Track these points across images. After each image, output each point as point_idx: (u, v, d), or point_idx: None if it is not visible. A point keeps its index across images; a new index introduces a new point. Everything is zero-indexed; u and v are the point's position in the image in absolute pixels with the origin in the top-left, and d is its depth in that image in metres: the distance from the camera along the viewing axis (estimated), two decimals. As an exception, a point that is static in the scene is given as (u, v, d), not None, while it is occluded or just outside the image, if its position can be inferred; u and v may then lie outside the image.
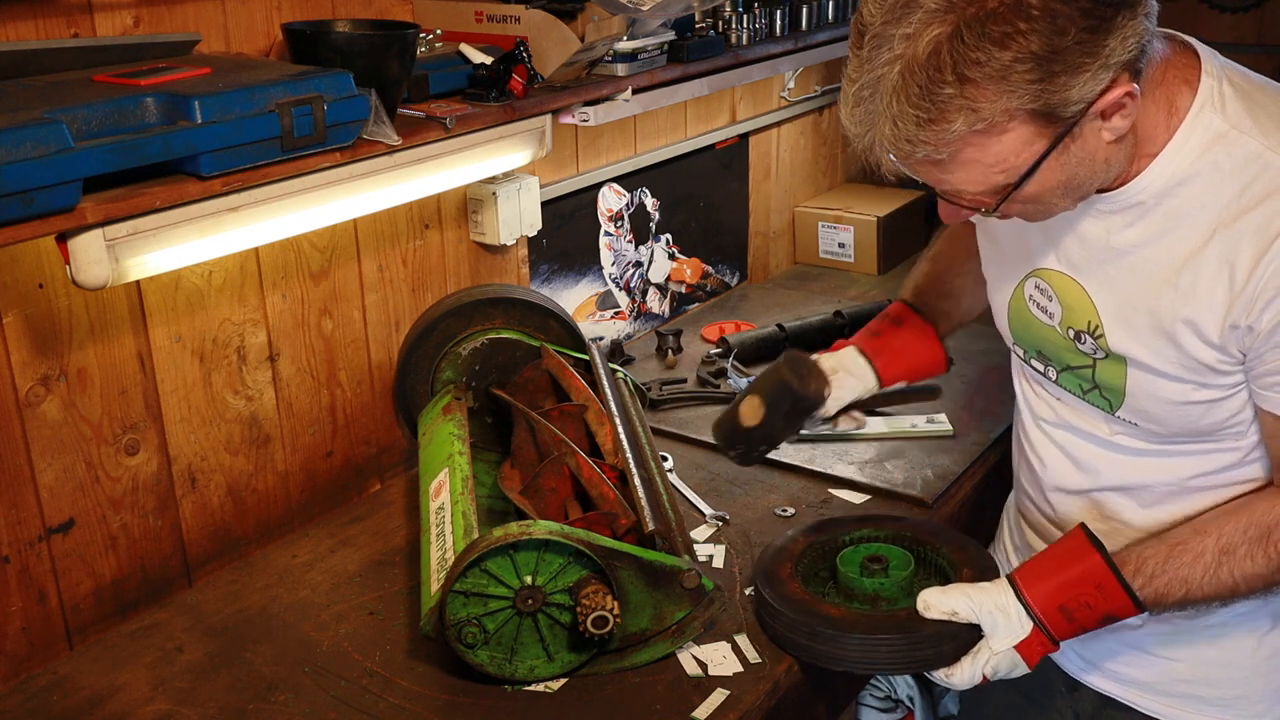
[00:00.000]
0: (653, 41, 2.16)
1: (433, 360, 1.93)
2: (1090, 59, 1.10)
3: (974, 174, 1.19)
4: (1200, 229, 1.25)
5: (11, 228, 1.30)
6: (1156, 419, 1.38)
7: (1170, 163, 1.26)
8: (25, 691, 1.54)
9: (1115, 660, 1.55)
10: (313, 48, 1.64)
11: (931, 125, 1.12)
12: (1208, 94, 1.25)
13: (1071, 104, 1.13)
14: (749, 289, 3.00)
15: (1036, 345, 1.48)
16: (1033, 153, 1.17)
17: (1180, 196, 1.26)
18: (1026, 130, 1.15)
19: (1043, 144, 1.17)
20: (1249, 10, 3.75)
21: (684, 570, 1.50)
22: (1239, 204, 1.23)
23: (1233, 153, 1.24)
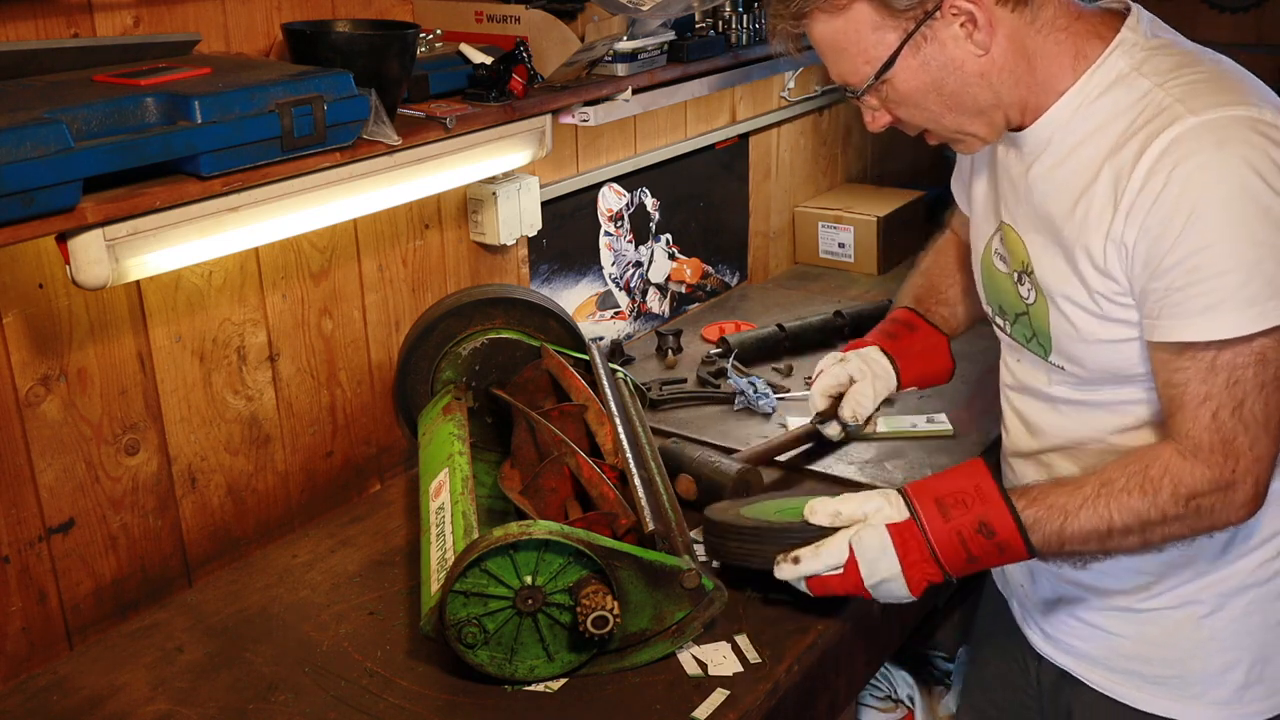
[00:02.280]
0: (653, 41, 2.16)
1: (433, 360, 1.93)
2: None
3: (847, 62, 1.36)
4: (1096, 160, 1.33)
5: (11, 228, 1.30)
6: (1077, 359, 1.42)
7: (1075, 98, 1.35)
8: (25, 691, 1.54)
9: (1070, 634, 1.58)
10: (313, 48, 1.64)
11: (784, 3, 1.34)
12: (1120, 43, 1.34)
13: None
14: (749, 289, 3.00)
15: (999, 299, 1.54)
16: (886, 45, 1.33)
17: (1080, 132, 1.35)
18: (868, 15, 1.31)
19: (894, 38, 1.32)
20: (1249, 10, 3.75)
21: (684, 570, 1.50)
22: (1126, 134, 1.30)
23: (1130, 91, 1.32)
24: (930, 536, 1.41)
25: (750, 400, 2.24)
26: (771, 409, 2.23)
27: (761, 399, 2.24)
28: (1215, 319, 1.26)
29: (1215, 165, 1.24)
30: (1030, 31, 1.34)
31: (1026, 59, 1.35)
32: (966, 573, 1.44)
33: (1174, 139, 1.25)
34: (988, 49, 1.33)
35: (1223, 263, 1.24)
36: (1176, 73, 1.31)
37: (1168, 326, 1.29)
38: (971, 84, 1.35)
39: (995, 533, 1.38)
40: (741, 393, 2.26)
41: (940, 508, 1.41)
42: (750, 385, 2.27)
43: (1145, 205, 1.27)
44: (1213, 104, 1.27)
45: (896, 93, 1.37)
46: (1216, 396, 1.28)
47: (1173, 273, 1.27)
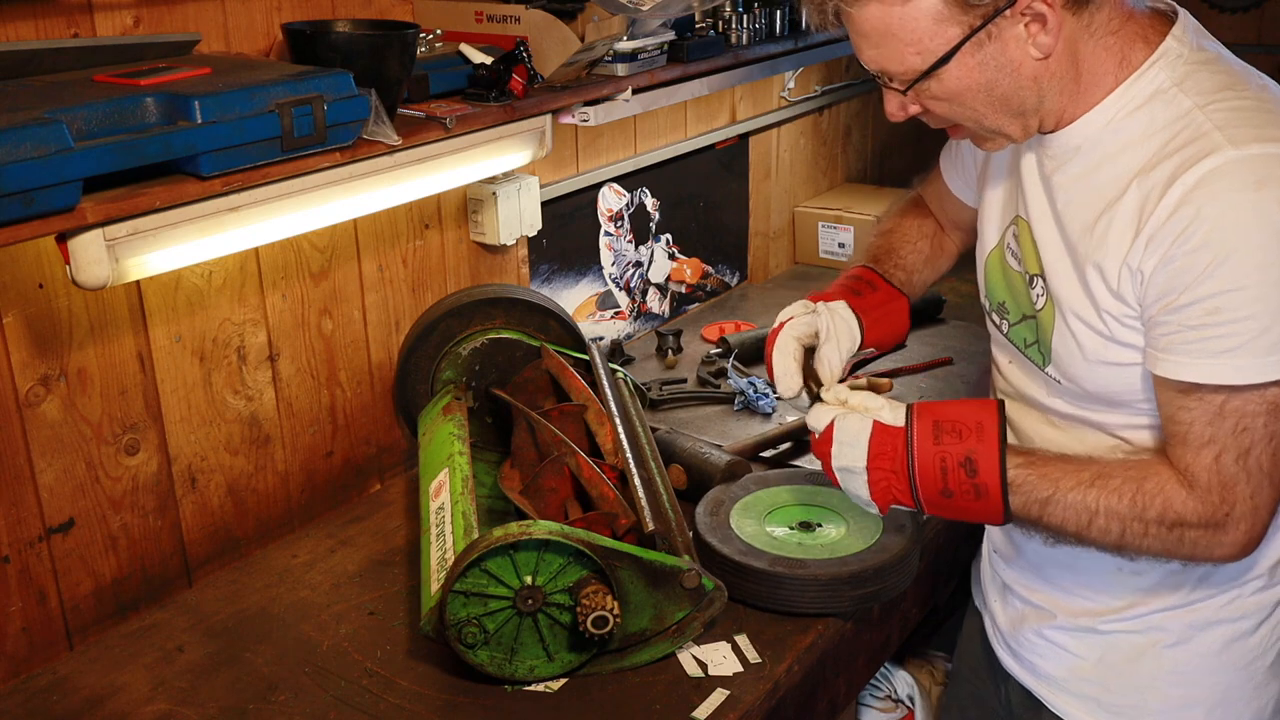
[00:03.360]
0: (653, 41, 2.16)
1: (433, 360, 1.93)
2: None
3: (893, 50, 1.27)
4: (1124, 178, 1.28)
5: (11, 228, 1.30)
6: (1076, 376, 1.38)
7: (1110, 108, 1.30)
8: (25, 691, 1.54)
9: (1034, 653, 1.56)
10: (313, 48, 1.64)
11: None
12: (1164, 53, 1.28)
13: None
14: (749, 289, 3.00)
15: (1005, 295, 1.50)
16: (947, 38, 1.24)
17: (1112, 145, 1.30)
18: (935, 5, 1.22)
19: (957, 31, 1.23)
20: (1249, 10, 3.75)
21: (684, 570, 1.50)
22: (1159, 155, 1.25)
23: (1169, 109, 1.26)
24: (915, 452, 1.36)
25: (750, 400, 2.24)
26: (771, 409, 2.23)
27: (761, 399, 2.24)
28: (1231, 363, 1.21)
29: (1251, 206, 1.18)
30: (1084, 35, 1.28)
31: (1075, 64, 1.29)
32: (940, 509, 1.39)
33: (1210, 171, 1.20)
34: (1049, 52, 1.26)
35: (1247, 307, 1.19)
36: (1220, 95, 1.25)
37: (1177, 363, 1.24)
38: (1024, 87, 1.29)
39: (977, 471, 1.33)
40: (741, 393, 2.26)
41: (935, 429, 1.37)
42: (750, 385, 2.27)
43: (1170, 236, 1.22)
44: (1255, 137, 1.21)
45: (943, 88, 1.29)
46: (1221, 441, 1.24)
47: (1190, 310, 1.22)
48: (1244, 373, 1.21)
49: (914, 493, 1.38)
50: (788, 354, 1.58)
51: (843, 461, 1.41)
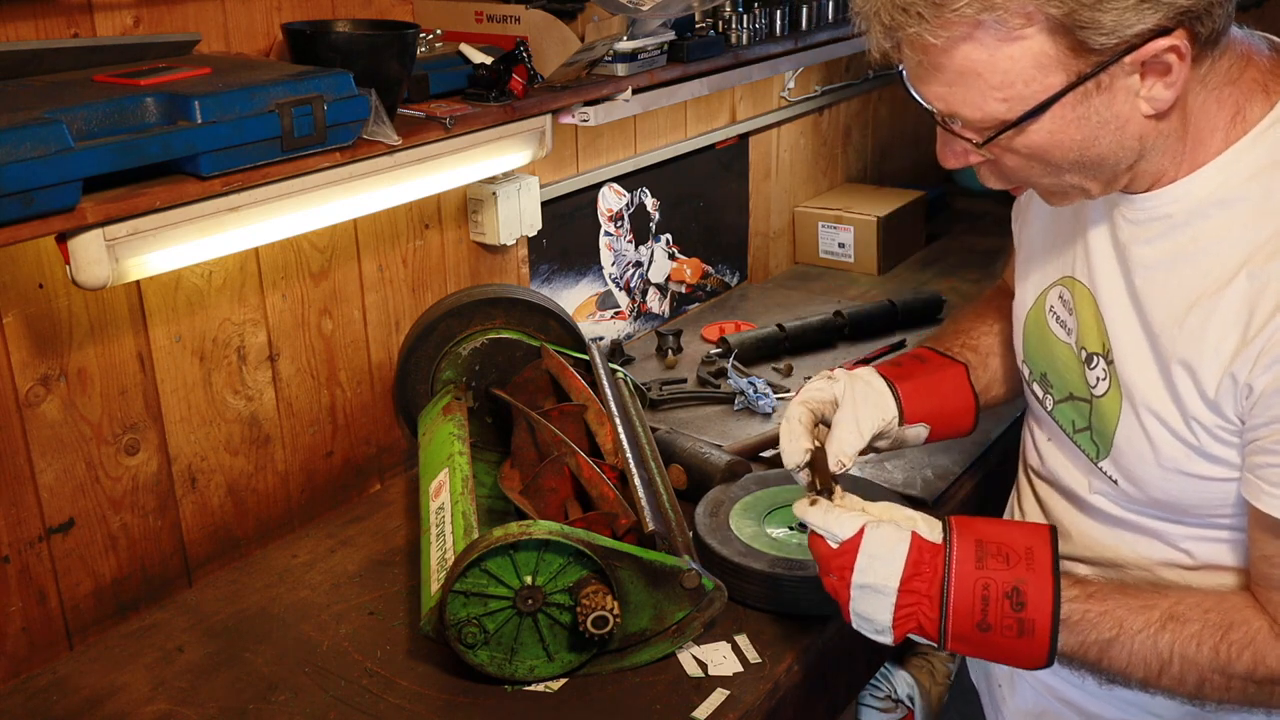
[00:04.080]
0: (653, 41, 2.16)
1: (433, 360, 1.93)
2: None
3: (973, 92, 1.04)
4: (1227, 264, 1.07)
5: (11, 228, 1.30)
6: (1139, 479, 1.19)
7: (1217, 175, 1.08)
8: (25, 691, 1.54)
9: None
10: (313, 48, 1.64)
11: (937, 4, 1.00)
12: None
13: (1103, 31, 0.98)
14: (749, 289, 3.00)
15: (1046, 365, 1.31)
16: (1046, 86, 1.02)
17: (1215, 219, 1.09)
18: (1044, 47, 1.00)
19: (1060, 78, 1.02)
20: (1249, 10, 3.75)
21: (684, 570, 1.50)
22: (1277, 243, 1.04)
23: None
24: (953, 575, 1.16)
25: (750, 400, 2.24)
26: (771, 409, 2.23)
27: (761, 399, 2.24)
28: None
29: None
30: (1197, 87, 1.06)
31: (1184, 121, 1.07)
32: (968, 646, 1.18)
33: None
34: (1164, 108, 1.04)
35: None
36: None
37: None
38: (1126, 145, 1.07)
39: (1025, 605, 1.13)
40: (741, 393, 2.26)
41: (979, 550, 1.16)
42: (750, 385, 2.27)
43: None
44: None
45: (1025, 142, 1.07)
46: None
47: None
48: None
49: (942, 622, 1.17)
50: (793, 420, 1.36)
51: (870, 578, 1.18)
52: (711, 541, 1.69)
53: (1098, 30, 0.98)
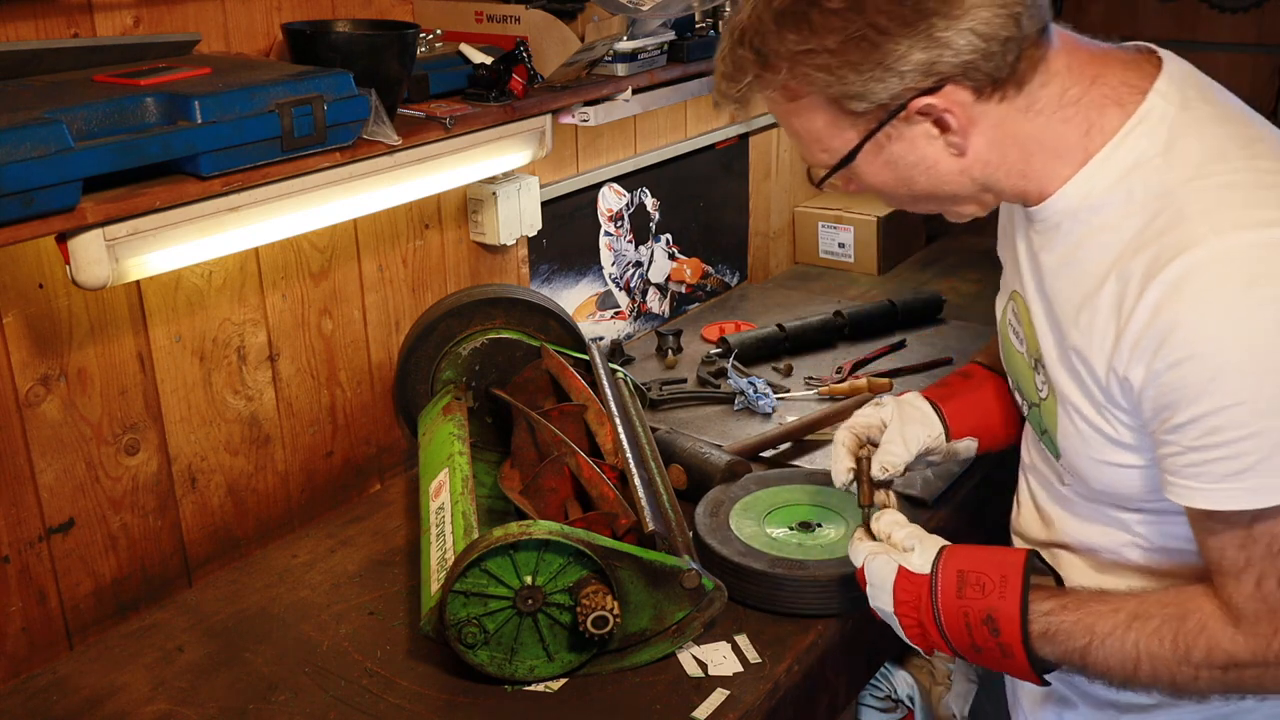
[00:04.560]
0: (653, 41, 2.16)
1: (433, 360, 1.93)
2: (874, 62, 1.10)
3: (804, 146, 1.23)
4: (1104, 263, 1.14)
5: (11, 228, 1.30)
6: (1080, 474, 1.27)
7: (1084, 184, 1.17)
8: (25, 691, 1.54)
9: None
10: (313, 48, 1.64)
11: (730, 80, 1.19)
12: (1145, 116, 1.14)
13: (858, 100, 1.13)
14: (749, 289, 2.99)
15: (1014, 376, 1.40)
16: (844, 140, 1.18)
17: (1091, 224, 1.17)
18: (825, 114, 1.16)
19: (853, 135, 1.17)
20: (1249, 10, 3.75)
21: (684, 570, 1.50)
22: (1139, 239, 1.11)
23: (1149, 183, 1.12)
24: (939, 606, 1.28)
25: (750, 400, 2.24)
26: (771, 409, 2.23)
27: (761, 399, 2.23)
28: (1241, 487, 1.07)
29: (1240, 311, 1.03)
30: (1027, 117, 1.15)
31: (1020, 147, 1.17)
32: (978, 661, 1.30)
33: (1189, 269, 1.05)
34: (965, 150, 1.16)
35: (1250, 424, 1.05)
36: (1209, 167, 1.10)
37: (1186, 489, 1.11)
38: (948, 181, 1.20)
39: (999, 631, 1.23)
40: (741, 393, 2.26)
41: (960, 580, 1.27)
42: (750, 385, 2.27)
43: (1152, 347, 1.08)
44: (1245, 221, 1.05)
45: (860, 183, 1.23)
46: (1258, 565, 1.10)
47: (1188, 430, 1.08)
48: (1259, 495, 1.07)
49: (949, 644, 1.29)
50: (839, 444, 1.52)
51: (876, 604, 1.36)
52: (711, 541, 1.69)
53: (853, 99, 1.13)
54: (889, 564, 1.33)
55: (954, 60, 1.10)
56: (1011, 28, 1.10)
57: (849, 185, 1.26)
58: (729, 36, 1.19)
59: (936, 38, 1.09)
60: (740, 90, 1.19)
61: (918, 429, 1.50)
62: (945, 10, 1.08)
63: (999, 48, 1.10)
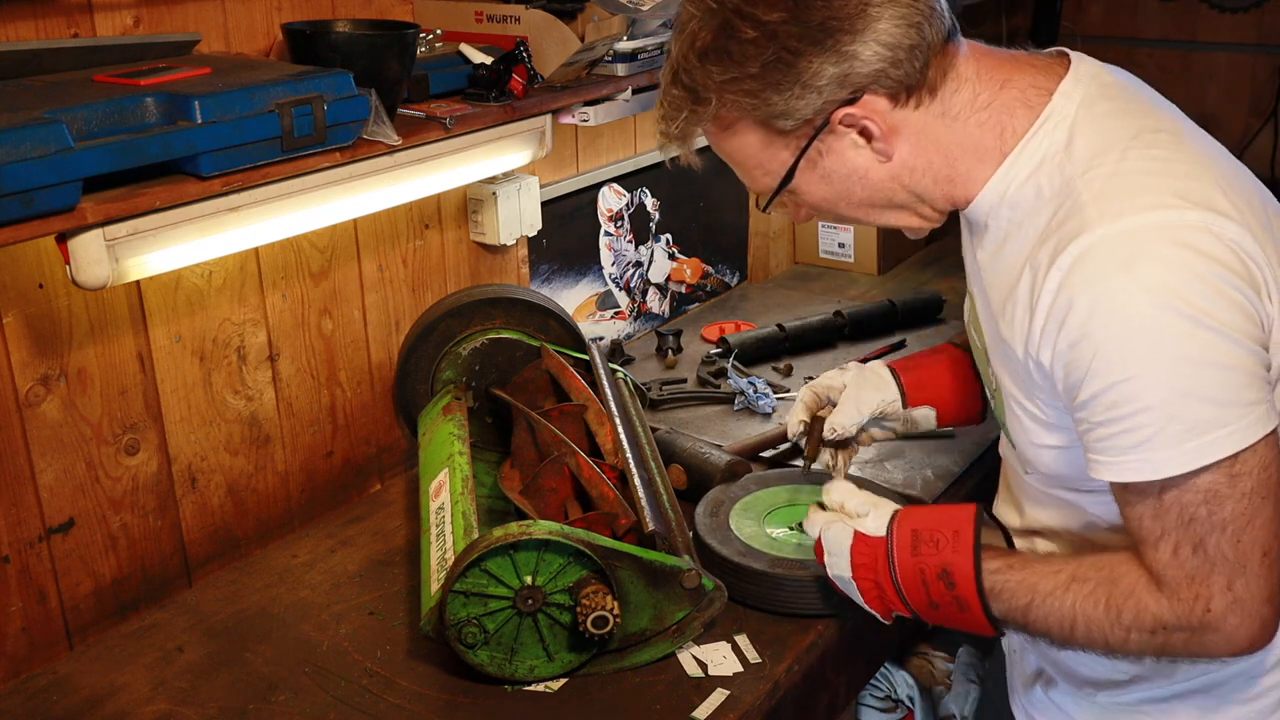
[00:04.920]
0: (653, 41, 2.16)
1: (433, 360, 1.93)
2: (792, 81, 1.19)
3: (747, 173, 1.31)
4: (1019, 257, 1.21)
5: (11, 228, 1.30)
6: (1029, 461, 1.33)
7: (1000, 183, 1.24)
8: (25, 691, 1.54)
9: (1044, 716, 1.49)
10: (313, 48, 1.64)
11: (668, 120, 1.29)
12: (1049, 116, 1.22)
13: (785, 119, 1.21)
14: (749, 289, 3.00)
15: (982, 370, 1.44)
16: (780, 161, 1.26)
17: (1009, 220, 1.24)
18: (758, 137, 1.25)
19: (787, 155, 1.25)
20: (1249, 10, 3.75)
21: (684, 570, 1.50)
22: (1046, 230, 1.18)
23: (1053, 178, 1.20)
24: (896, 565, 1.33)
25: (750, 400, 2.24)
26: (771, 409, 2.23)
27: (761, 399, 2.24)
28: (1145, 458, 1.13)
29: (1122, 290, 1.10)
30: (943, 124, 1.23)
31: (942, 152, 1.24)
32: (936, 620, 1.35)
33: (1080, 254, 1.13)
34: (891, 155, 1.24)
35: (1143, 398, 1.10)
36: (1101, 158, 1.17)
37: (1098, 464, 1.17)
38: (882, 189, 1.27)
39: (955, 584, 1.29)
40: (741, 393, 2.26)
41: (914, 540, 1.32)
42: (750, 385, 2.27)
43: (1054, 329, 1.15)
44: (1127, 208, 1.12)
45: (804, 201, 1.31)
46: (1173, 534, 1.15)
47: (1092, 406, 1.15)
48: (1161, 466, 1.12)
49: (906, 604, 1.35)
50: (799, 400, 1.67)
51: (834, 571, 1.40)
52: (711, 541, 1.69)
53: (779, 118, 1.22)
54: (845, 530, 1.39)
55: (865, 70, 1.18)
56: (914, 36, 1.18)
57: (797, 210, 1.34)
58: (663, 80, 1.28)
59: (844, 52, 1.17)
60: (678, 126, 1.28)
61: (871, 393, 1.60)
62: (849, 26, 1.17)
63: (905, 55, 1.18)
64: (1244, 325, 1.11)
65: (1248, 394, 1.11)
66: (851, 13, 1.17)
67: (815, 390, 1.66)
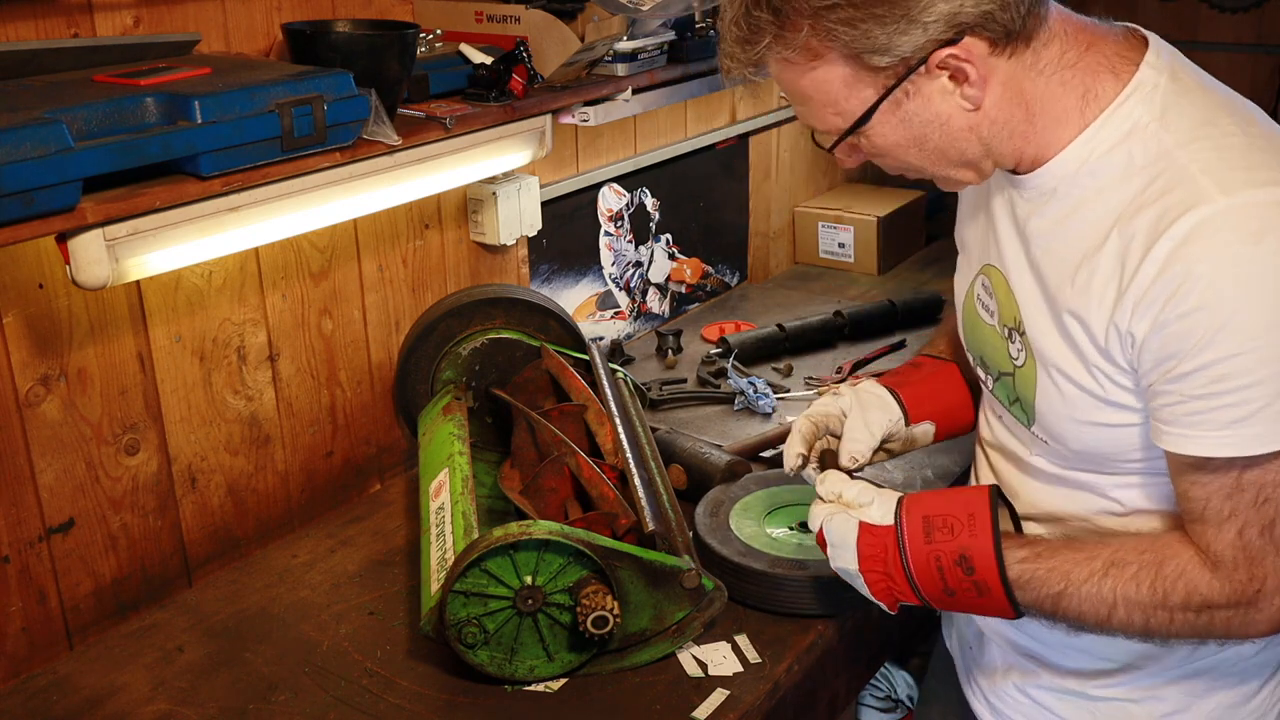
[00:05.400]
0: (653, 41, 2.16)
1: (433, 360, 1.93)
2: (900, 14, 1.11)
3: (814, 110, 1.22)
4: (1103, 223, 1.18)
5: (11, 228, 1.30)
6: (1061, 437, 1.29)
7: (1083, 148, 1.20)
8: (25, 691, 1.54)
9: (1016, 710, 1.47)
10: (313, 48, 1.64)
11: (745, 44, 1.19)
12: (1138, 85, 1.18)
13: (882, 54, 1.13)
14: (749, 289, 3.00)
15: (980, 349, 1.41)
16: (861, 100, 1.18)
17: (1089, 187, 1.20)
18: (843, 72, 1.16)
19: (871, 93, 1.17)
20: (1249, 10, 3.75)
21: (684, 570, 1.50)
22: (1140, 199, 1.15)
23: (1148, 147, 1.16)
24: (908, 553, 1.29)
25: (750, 400, 2.24)
26: (771, 409, 2.23)
27: (761, 399, 2.24)
28: (1242, 434, 1.11)
29: (1250, 262, 1.07)
30: (1031, 75, 1.18)
31: (1025, 107, 1.20)
32: (949, 607, 1.33)
33: (1200, 223, 1.09)
34: (980, 104, 1.18)
35: (1255, 372, 1.09)
36: (1203, 130, 1.15)
37: (1184, 437, 1.14)
38: (959, 139, 1.21)
39: (974, 569, 1.25)
40: (741, 393, 2.26)
41: (926, 526, 1.29)
42: (750, 385, 2.27)
43: (1161, 297, 1.11)
44: (1248, 181, 1.10)
45: (872, 145, 1.24)
46: (1243, 514, 1.15)
47: (1193, 379, 1.11)
48: (1259, 442, 1.11)
49: (916, 592, 1.31)
50: (797, 431, 1.53)
51: (838, 564, 1.35)
52: (711, 541, 1.69)
53: (876, 53, 1.14)
54: (849, 521, 1.34)
55: (974, 10, 1.12)
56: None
57: (854, 152, 1.26)
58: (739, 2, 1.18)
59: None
60: (757, 53, 1.18)
61: (878, 414, 1.52)
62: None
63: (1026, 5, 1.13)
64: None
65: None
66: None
67: (813, 420, 1.54)
